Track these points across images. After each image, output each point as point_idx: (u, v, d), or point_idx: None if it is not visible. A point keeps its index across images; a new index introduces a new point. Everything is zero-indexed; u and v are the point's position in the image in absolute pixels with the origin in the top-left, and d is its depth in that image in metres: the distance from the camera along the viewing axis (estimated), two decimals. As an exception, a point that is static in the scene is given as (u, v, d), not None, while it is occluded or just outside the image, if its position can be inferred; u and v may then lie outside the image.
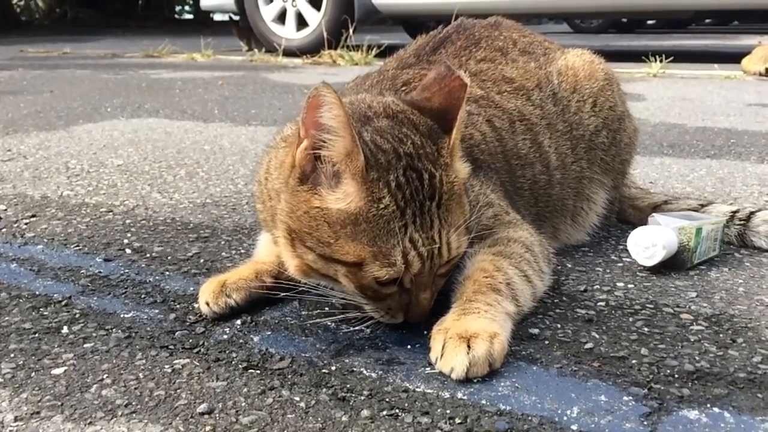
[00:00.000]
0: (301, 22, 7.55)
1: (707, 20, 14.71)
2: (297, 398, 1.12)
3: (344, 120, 1.15)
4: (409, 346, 1.29)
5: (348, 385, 1.16)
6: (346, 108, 1.15)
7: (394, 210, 1.18)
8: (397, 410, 1.09)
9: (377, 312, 1.29)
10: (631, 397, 1.12)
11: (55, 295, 1.52)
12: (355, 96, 1.39)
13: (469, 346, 1.17)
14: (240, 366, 1.23)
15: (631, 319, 1.40)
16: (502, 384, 1.16)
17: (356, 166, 1.17)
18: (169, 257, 1.76)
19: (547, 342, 1.31)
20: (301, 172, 1.23)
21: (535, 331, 1.35)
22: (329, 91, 1.14)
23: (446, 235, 1.23)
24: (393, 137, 1.23)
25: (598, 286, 1.58)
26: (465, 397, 1.12)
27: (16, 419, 1.07)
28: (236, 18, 9.11)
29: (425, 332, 1.31)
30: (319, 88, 1.14)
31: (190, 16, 22.81)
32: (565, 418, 1.07)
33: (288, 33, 7.59)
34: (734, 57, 6.15)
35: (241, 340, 1.32)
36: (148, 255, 1.78)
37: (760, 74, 5.66)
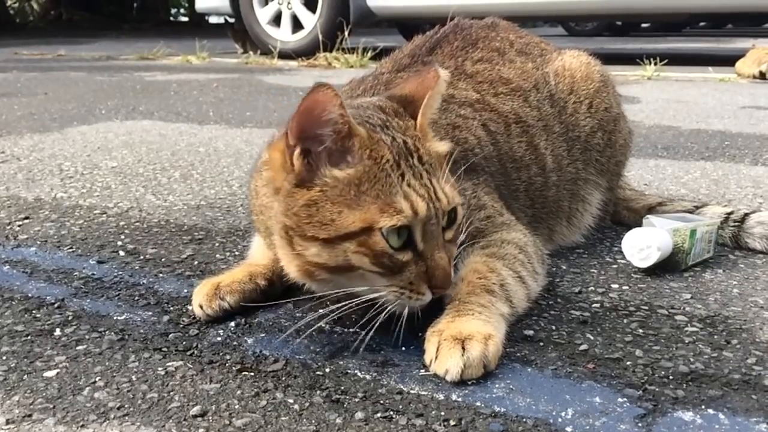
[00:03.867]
0: (297, 25, 7.54)
1: (701, 23, 14.76)
2: (291, 400, 1.12)
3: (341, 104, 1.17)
4: (403, 348, 1.29)
5: (342, 387, 1.16)
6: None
7: (392, 163, 1.20)
8: (391, 412, 1.08)
9: (401, 293, 1.22)
10: (625, 399, 1.12)
11: (48, 298, 1.52)
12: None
13: (463, 348, 1.16)
14: (234, 368, 1.22)
15: (625, 321, 1.40)
16: (497, 386, 1.16)
17: (358, 132, 1.20)
18: (162, 259, 1.76)
19: (541, 343, 1.30)
20: (297, 177, 1.22)
21: (530, 332, 1.35)
22: (328, 90, 1.15)
23: (437, 183, 1.24)
24: (362, 114, 1.28)
25: (592, 288, 1.58)
26: (459, 399, 1.12)
27: (7, 422, 1.06)
28: (231, 20, 9.10)
29: (420, 334, 1.30)
30: (316, 92, 1.15)
31: (185, 19, 22.79)
32: (559, 419, 1.07)
33: (283, 35, 7.58)
34: (728, 60, 6.17)
35: (234, 343, 1.32)
36: (141, 257, 1.77)
37: (754, 77, 5.68)
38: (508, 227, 1.51)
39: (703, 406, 1.10)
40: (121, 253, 1.80)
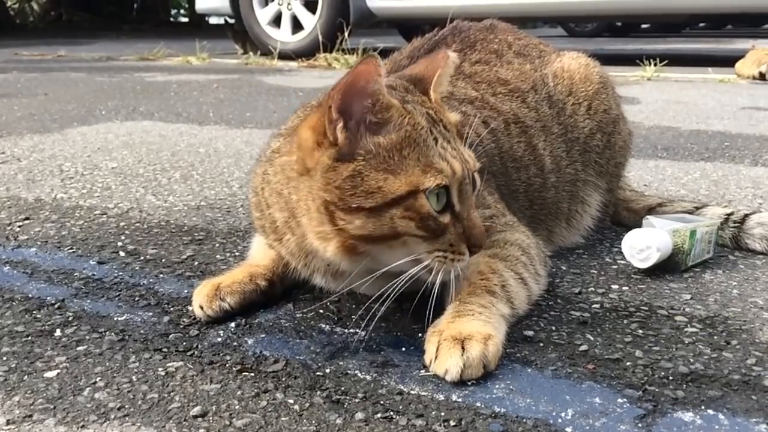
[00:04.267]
0: (297, 26, 7.54)
1: (701, 24, 14.76)
2: (291, 401, 1.12)
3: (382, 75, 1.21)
4: (403, 349, 1.29)
5: (342, 388, 1.16)
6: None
7: (426, 129, 1.25)
8: (391, 413, 1.09)
9: (444, 257, 1.25)
10: (625, 399, 1.12)
11: (48, 298, 1.52)
12: None
13: (463, 348, 1.17)
14: (234, 369, 1.22)
15: (625, 322, 1.40)
16: (497, 386, 1.16)
17: (393, 103, 1.24)
18: (163, 260, 1.76)
19: (541, 344, 1.31)
20: (340, 151, 1.23)
21: (530, 333, 1.35)
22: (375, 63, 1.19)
23: (461, 147, 1.30)
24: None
25: (592, 289, 1.58)
26: (459, 400, 1.12)
27: (8, 422, 1.06)
28: (231, 21, 9.10)
29: (420, 335, 1.31)
30: (364, 63, 1.18)
31: (185, 20, 22.79)
32: (559, 420, 1.07)
33: (283, 36, 7.58)
34: (728, 61, 6.17)
35: (235, 343, 1.32)
36: (142, 258, 1.77)
37: (754, 78, 5.68)
38: (511, 228, 1.51)
39: (702, 407, 1.10)
40: (122, 253, 1.80)
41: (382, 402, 1.11)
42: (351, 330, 1.36)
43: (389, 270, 1.25)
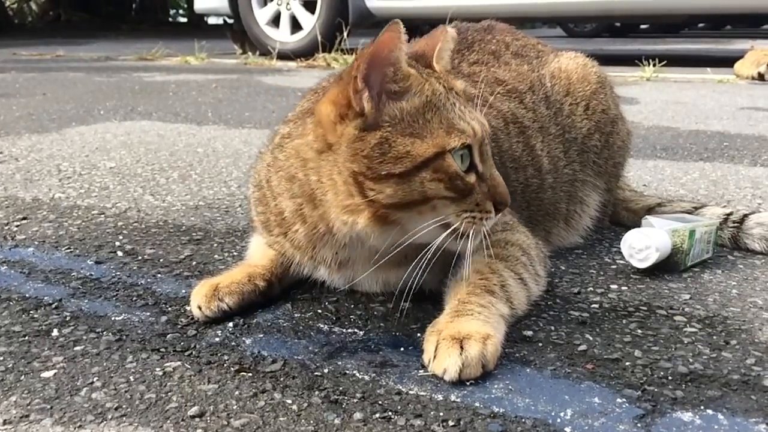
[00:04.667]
0: (296, 26, 7.54)
1: (700, 24, 14.77)
2: (289, 401, 1.12)
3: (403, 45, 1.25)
4: (402, 349, 1.28)
5: (340, 388, 1.15)
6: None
7: (444, 94, 1.30)
8: (389, 413, 1.08)
9: (473, 217, 1.28)
10: (624, 399, 1.12)
11: (46, 298, 1.51)
12: None
13: (461, 348, 1.16)
14: (232, 369, 1.22)
15: (624, 321, 1.40)
16: (496, 386, 1.15)
17: (411, 71, 1.28)
18: (161, 260, 1.75)
19: (540, 344, 1.30)
20: (366, 121, 1.25)
21: (529, 333, 1.34)
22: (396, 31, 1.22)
23: (475, 109, 1.35)
24: None
25: (591, 289, 1.57)
26: (458, 400, 1.12)
27: (4, 423, 1.06)
28: (230, 21, 9.10)
29: (418, 335, 1.30)
30: (388, 30, 1.21)
31: (184, 20, 22.77)
32: (558, 420, 1.06)
33: (282, 36, 7.58)
34: (727, 61, 6.17)
35: (233, 343, 1.31)
36: (139, 257, 1.77)
37: (753, 78, 5.69)
38: (511, 228, 1.51)
39: (702, 407, 1.10)
40: (119, 253, 1.80)
41: (380, 402, 1.11)
42: (349, 330, 1.36)
43: (415, 241, 1.27)
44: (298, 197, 1.35)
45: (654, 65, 5.93)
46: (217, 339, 1.33)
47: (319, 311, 1.45)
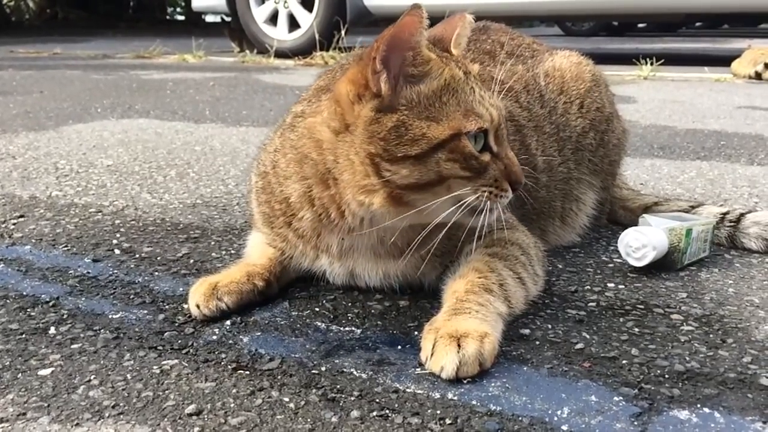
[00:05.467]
0: (293, 24, 7.53)
1: (697, 23, 14.79)
2: (286, 399, 1.12)
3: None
4: (399, 347, 1.29)
5: (338, 386, 1.15)
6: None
7: (463, 78, 1.31)
8: (387, 411, 1.08)
9: (489, 192, 1.29)
10: (621, 398, 1.12)
11: (43, 296, 1.51)
12: None
13: (459, 346, 1.16)
14: (229, 367, 1.22)
15: (621, 320, 1.40)
16: (493, 384, 1.16)
17: (431, 56, 1.29)
18: (158, 258, 1.75)
19: (537, 342, 1.30)
20: (383, 102, 1.26)
21: (526, 331, 1.35)
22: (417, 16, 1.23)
23: (492, 95, 1.36)
24: None
25: (588, 287, 1.58)
26: (455, 398, 1.12)
27: (1, 420, 1.06)
28: (228, 19, 9.08)
29: (416, 333, 1.30)
30: (410, 14, 1.22)
31: (182, 17, 22.72)
32: (555, 418, 1.07)
33: (280, 34, 7.57)
34: (724, 60, 6.18)
35: (230, 341, 1.31)
36: (137, 255, 1.76)
37: (750, 77, 5.70)
38: (511, 227, 1.51)
39: (698, 405, 1.10)
40: (117, 251, 1.80)
41: (377, 400, 1.11)
42: (347, 328, 1.36)
43: (430, 219, 1.29)
44: (308, 178, 1.36)
45: (651, 64, 5.94)
46: (215, 337, 1.33)
47: (317, 309, 1.45)
